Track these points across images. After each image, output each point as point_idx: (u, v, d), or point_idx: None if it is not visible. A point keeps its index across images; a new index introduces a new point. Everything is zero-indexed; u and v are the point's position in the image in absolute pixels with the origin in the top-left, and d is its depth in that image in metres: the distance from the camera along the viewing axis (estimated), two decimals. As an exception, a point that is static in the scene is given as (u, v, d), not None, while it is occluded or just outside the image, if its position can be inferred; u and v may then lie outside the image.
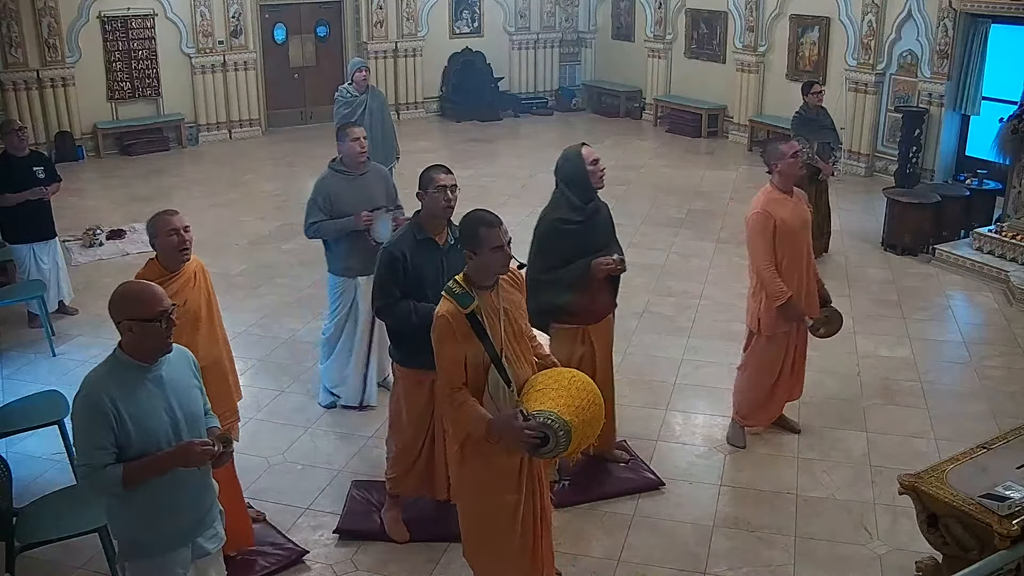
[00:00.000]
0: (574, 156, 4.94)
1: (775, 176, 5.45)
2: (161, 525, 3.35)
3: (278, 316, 7.81)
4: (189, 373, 3.48)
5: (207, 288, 4.47)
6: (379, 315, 4.71)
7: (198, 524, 3.47)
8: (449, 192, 4.51)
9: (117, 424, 3.17)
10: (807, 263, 5.55)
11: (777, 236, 5.37)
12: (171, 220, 4.26)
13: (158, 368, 3.31)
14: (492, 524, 3.92)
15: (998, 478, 3.84)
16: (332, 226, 5.83)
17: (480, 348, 3.65)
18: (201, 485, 3.45)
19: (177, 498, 3.36)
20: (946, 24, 11.15)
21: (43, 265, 7.56)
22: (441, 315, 3.67)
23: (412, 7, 15.72)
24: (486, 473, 3.85)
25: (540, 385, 3.69)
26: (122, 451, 3.20)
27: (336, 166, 5.98)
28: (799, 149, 5.46)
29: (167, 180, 12.38)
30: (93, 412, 3.17)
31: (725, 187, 11.94)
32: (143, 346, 3.26)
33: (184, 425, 3.34)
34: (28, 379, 6.71)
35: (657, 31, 15.66)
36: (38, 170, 7.36)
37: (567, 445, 3.54)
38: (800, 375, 5.87)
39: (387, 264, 4.53)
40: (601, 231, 5.06)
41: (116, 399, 3.18)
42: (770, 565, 4.71)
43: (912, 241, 9.26)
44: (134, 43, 13.67)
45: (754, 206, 5.46)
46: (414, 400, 4.70)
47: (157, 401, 3.28)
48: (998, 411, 6.18)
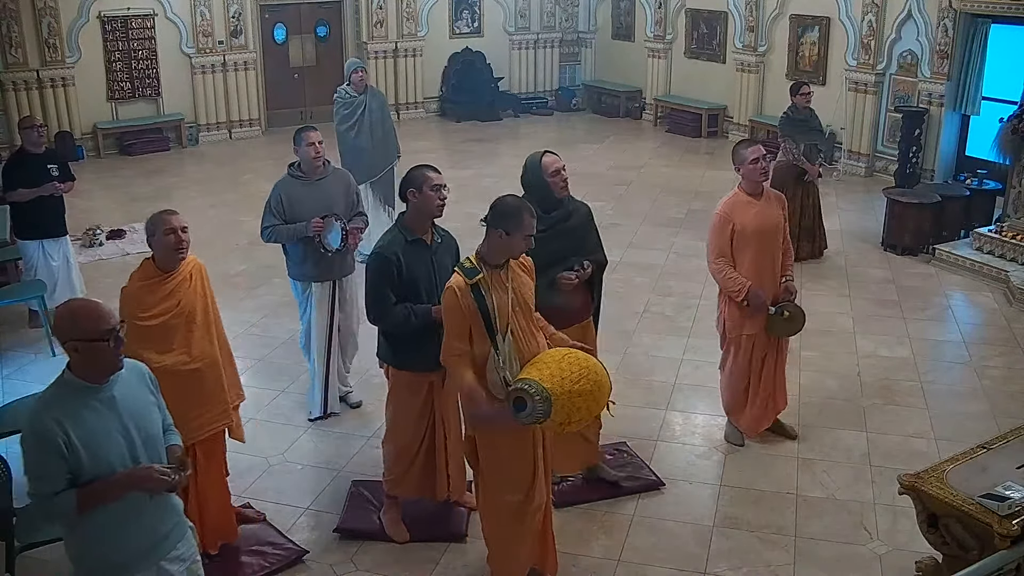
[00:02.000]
0: (533, 166, 4.83)
1: (742, 180, 5.47)
2: (119, 548, 3.21)
3: (278, 316, 7.81)
4: (145, 390, 3.34)
5: (204, 289, 4.43)
6: (375, 322, 4.60)
7: (158, 546, 3.32)
8: (443, 190, 4.50)
9: (67, 449, 3.04)
10: (773, 268, 5.51)
11: (735, 239, 5.38)
12: (169, 220, 4.23)
13: (109, 388, 3.18)
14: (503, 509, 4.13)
15: (998, 478, 3.84)
16: (285, 231, 5.74)
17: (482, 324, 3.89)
18: (161, 506, 3.31)
19: (136, 520, 3.22)
20: (946, 24, 11.15)
21: (53, 262, 7.56)
22: (450, 286, 3.93)
23: (412, 7, 15.73)
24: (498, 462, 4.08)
25: (536, 361, 3.94)
26: (75, 477, 3.08)
27: (293, 171, 5.90)
28: (762, 155, 5.40)
29: (167, 180, 12.38)
30: (40, 439, 3.04)
31: (725, 187, 11.79)
32: (92, 366, 3.13)
33: (141, 446, 3.21)
34: (28, 379, 6.70)
35: (657, 31, 15.66)
36: (52, 168, 7.38)
37: (545, 411, 3.72)
38: (782, 385, 5.81)
39: (380, 268, 4.46)
40: (571, 237, 4.83)
41: (65, 424, 3.05)
42: (770, 565, 4.71)
43: (912, 241, 9.25)
44: (134, 43, 13.67)
45: (717, 207, 5.50)
46: (411, 402, 4.68)
47: (109, 423, 3.14)
48: (998, 411, 6.18)
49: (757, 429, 5.82)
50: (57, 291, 7.55)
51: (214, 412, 4.47)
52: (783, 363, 5.81)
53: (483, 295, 3.88)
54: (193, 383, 4.32)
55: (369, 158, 8.54)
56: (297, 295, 6.09)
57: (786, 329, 5.60)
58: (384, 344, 4.71)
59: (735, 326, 5.56)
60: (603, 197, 11.00)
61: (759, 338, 5.58)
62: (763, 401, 5.74)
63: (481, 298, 3.87)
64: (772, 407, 5.80)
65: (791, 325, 5.59)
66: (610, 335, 6.82)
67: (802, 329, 5.68)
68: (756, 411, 5.75)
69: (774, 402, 5.79)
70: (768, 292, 5.49)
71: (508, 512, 4.12)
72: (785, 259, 5.60)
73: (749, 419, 5.77)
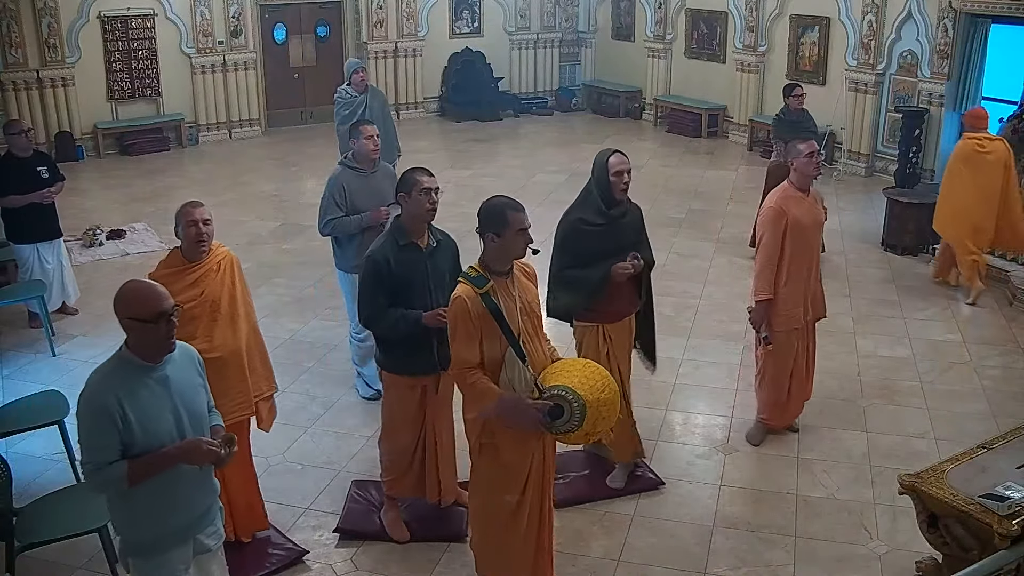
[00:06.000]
0: (601, 163, 4.94)
1: (792, 174, 5.52)
2: (163, 522, 3.37)
3: (278, 316, 7.80)
4: (194, 372, 3.49)
5: (233, 280, 4.43)
6: (366, 325, 4.64)
7: (199, 521, 3.49)
8: (433, 194, 4.49)
9: (122, 423, 3.18)
10: (813, 265, 5.58)
11: (788, 233, 5.41)
12: (192, 212, 4.28)
13: (163, 368, 3.32)
14: (497, 519, 4.06)
15: (998, 478, 3.85)
16: (350, 222, 5.89)
17: (496, 329, 3.79)
18: (203, 483, 3.47)
19: (179, 495, 3.37)
20: (946, 24, 11.15)
21: (47, 265, 7.55)
22: (458, 297, 3.81)
23: (412, 7, 15.73)
24: (496, 469, 3.99)
25: (556, 369, 3.88)
26: (126, 449, 3.22)
27: (349, 163, 6.03)
28: (816, 149, 5.48)
29: (167, 180, 12.37)
30: (98, 411, 3.18)
31: (725, 187, 11.94)
32: (145, 346, 3.28)
33: (188, 425, 3.36)
34: (28, 379, 6.70)
35: (657, 31, 15.66)
36: (42, 170, 7.35)
37: (581, 419, 3.68)
38: (811, 374, 5.89)
39: (371, 271, 4.48)
40: (625, 235, 4.98)
41: (121, 398, 3.19)
42: (770, 565, 4.71)
43: (912, 241, 9.25)
44: (134, 43, 13.66)
45: (768, 201, 5.56)
46: (405, 406, 4.69)
47: (162, 401, 3.29)
48: (998, 411, 6.18)
49: (790, 420, 5.90)
50: (52, 293, 7.54)
51: (235, 401, 4.47)
52: (814, 351, 5.85)
53: (495, 301, 3.81)
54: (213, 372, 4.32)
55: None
56: (347, 288, 6.16)
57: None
58: (378, 348, 4.75)
59: (784, 321, 5.53)
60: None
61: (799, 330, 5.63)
62: (797, 393, 5.81)
63: (494, 304, 3.80)
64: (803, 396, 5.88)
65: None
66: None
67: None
68: (793, 404, 5.85)
69: (805, 391, 5.87)
70: (803, 290, 5.52)
71: (504, 513, 4.05)
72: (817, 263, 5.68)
73: (788, 414, 5.85)
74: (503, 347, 3.82)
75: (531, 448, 3.97)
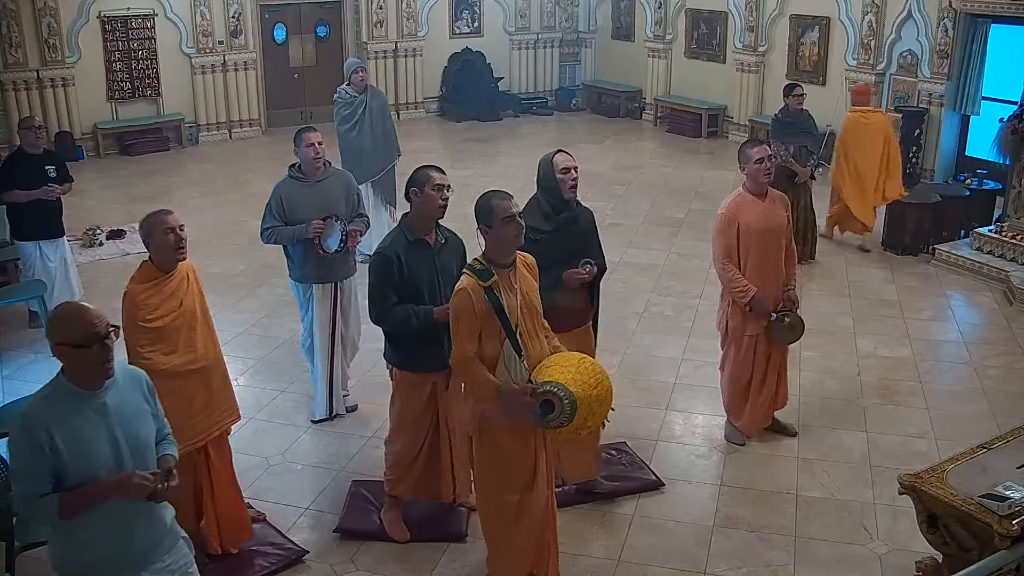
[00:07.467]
0: (547, 162, 4.85)
1: (746, 179, 5.48)
2: (99, 556, 3.17)
3: (278, 316, 7.81)
4: (140, 397, 3.29)
5: (199, 287, 4.44)
6: (377, 322, 4.60)
7: (143, 559, 3.26)
8: (445, 191, 4.48)
9: (52, 454, 3.02)
10: (776, 269, 5.52)
11: (741, 239, 5.39)
12: (166, 219, 4.21)
13: (102, 395, 3.14)
14: (502, 517, 4.12)
15: (998, 478, 3.84)
16: (285, 232, 5.71)
17: (496, 322, 3.86)
18: (146, 514, 3.25)
19: (116, 528, 3.17)
20: (946, 24, 11.15)
21: (50, 263, 7.55)
22: (462, 288, 3.88)
23: (412, 7, 15.73)
24: (498, 460, 4.05)
25: (550, 363, 3.92)
26: (59, 481, 3.06)
27: (294, 172, 5.86)
28: (767, 155, 5.41)
29: (167, 180, 12.38)
30: (27, 442, 3.03)
31: (725, 187, 11.90)
32: (80, 372, 3.10)
33: (128, 455, 3.16)
34: (28, 379, 6.69)
35: (657, 31, 15.66)
36: (50, 169, 7.35)
37: (572, 415, 3.74)
38: (783, 383, 5.83)
39: (381, 268, 4.47)
40: (575, 240, 4.85)
41: (52, 428, 3.02)
42: (770, 565, 4.71)
43: (912, 241, 9.25)
44: (134, 43, 13.66)
45: (721, 206, 5.51)
46: (413, 403, 4.69)
47: (98, 430, 3.10)
48: (998, 411, 6.18)
49: (756, 429, 5.82)
50: (55, 292, 7.54)
51: (223, 408, 4.49)
52: (785, 362, 5.82)
53: (497, 296, 3.86)
54: (201, 381, 4.35)
55: (369, 158, 8.53)
56: (298, 297, 6.07)
57: (786, 336, 5.63)
58: (388, 345, 4.73)
59: (737, 326, 5.57)
60: (603, 197, 11.01)
61: (761, 338, 5.59)
62: (764, 401, 5.75)
63: (496, 299, 3.85)
64: (772, 406, 5.80)
65: (791, 333, 5.62)
66: (610, 335, 6.83)
67: (801, 337, 5.71)
68: (756, 411, 5.76)
69: (774, 401, 5.80)
70: (771, 294, 5.50)
71: (507, 512, 4.10)
72: (788, 264, 5.60)
73: (748, 419, 5.78)
74: (502, 339, 3.88)
75: (529, 436, 4.02)
